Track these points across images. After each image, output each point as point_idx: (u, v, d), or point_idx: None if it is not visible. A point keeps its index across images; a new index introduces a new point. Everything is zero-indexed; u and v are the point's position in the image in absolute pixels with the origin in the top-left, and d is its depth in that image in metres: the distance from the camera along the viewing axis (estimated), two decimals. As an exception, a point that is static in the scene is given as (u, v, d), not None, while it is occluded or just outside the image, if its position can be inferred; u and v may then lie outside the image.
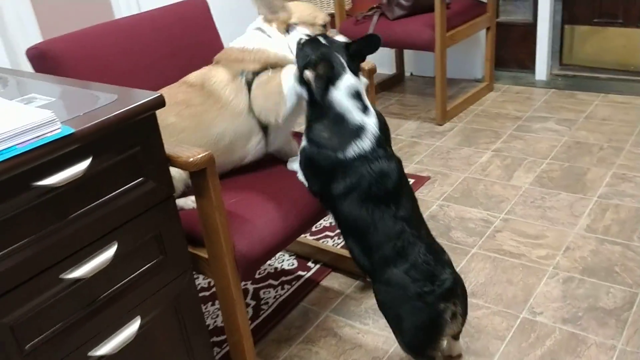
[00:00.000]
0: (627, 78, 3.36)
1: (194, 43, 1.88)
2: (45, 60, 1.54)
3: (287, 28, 1.65)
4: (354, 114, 1.43)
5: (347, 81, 1.45)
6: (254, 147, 1.65)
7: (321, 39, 1.52)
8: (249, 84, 1.59)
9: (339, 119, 1.44)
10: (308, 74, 1.44)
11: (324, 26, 1.69)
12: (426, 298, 1.40)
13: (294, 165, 1.61)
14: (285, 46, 1.63)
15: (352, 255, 1.52)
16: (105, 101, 1.18)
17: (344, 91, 1.44)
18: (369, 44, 1.51)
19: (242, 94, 1.59)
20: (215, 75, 1.60)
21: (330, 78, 1.44)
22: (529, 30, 3.58)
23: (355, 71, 1.50)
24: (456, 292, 1.46)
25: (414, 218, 1.46)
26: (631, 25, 3.34)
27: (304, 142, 1.51)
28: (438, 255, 1.45)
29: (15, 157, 0.98)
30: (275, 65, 1.60)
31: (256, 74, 1.59)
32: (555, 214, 2.25)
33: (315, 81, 1.44)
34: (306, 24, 1.66)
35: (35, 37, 2.68)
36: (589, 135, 2.84)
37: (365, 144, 1.42)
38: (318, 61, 1.44)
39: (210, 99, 1.57)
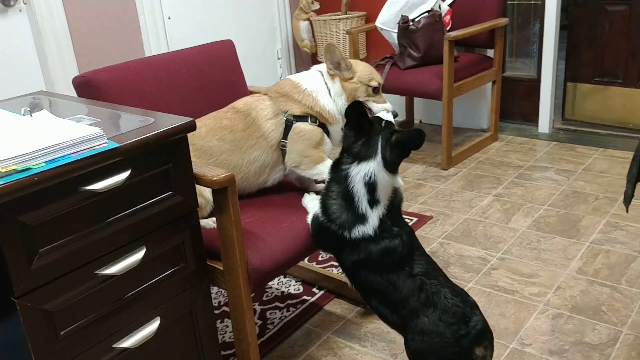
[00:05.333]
0: (626, 135, 3.53)
1: (221, 80, 2.07)
2: (90, 87, 1.73)
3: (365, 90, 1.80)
4: (362, 201, 1.49)
5: (370, 167, 1.48)
6: (277, 174, 1.84)
7: (383, 120, 1.56)
8: (288, 124, 1.76)
9: (349, 200, 1.51)
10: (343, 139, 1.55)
11: (377, 88, 1.82)
12: (462, 342, 1.42)
13: (307, 201, 1.73)
14: (335, 102, 1.79)
15: (378, 314, 1.56)
16: (144, 123, 1.36)
17: (361, 176, 1.49)
18: (416, 139, 1.49)
19: (279, 130, 1.76)
20: (261, 107, 1.78)
21: (360, 150, 1.50)
22: (534, 85, 3.77)
23: (390, 163, 1.49)
24: (487, 334, 1.48)
25: (431, 270, 1.51)
26: (630, 86, 3.52)
27: (316, 209, 1.59)
28: (464, 297, 1.49)
29: (68, 164, 1.15)
30: (317, 115, 1.77)
31: (297, 117, 1.76)
32: (549, 255, 2.38)
33: (347, 141, 1.53)
34: (362, 83, 1.80)
35: (72, 69, 2.91)
36: (586, 185, 2.98)
37: (367, 229, 1.49)
38: (358, 140, 1.51)
39: (251, 127, 1.76)
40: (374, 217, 1.50)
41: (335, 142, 1.83)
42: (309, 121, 1.76)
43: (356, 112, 1.50)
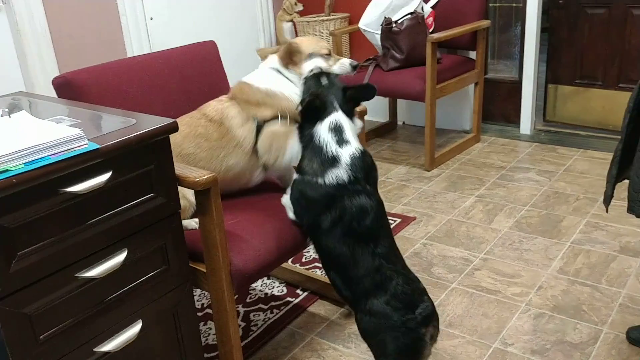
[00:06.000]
0: (605, 136, 3.57)
1: (203, 82, 2.06)
2: (70, 88, 1.71)
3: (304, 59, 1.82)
4: (331, 145, 1.60)
5: (333, 117, 1.62)
6: (256, 177, 1.84)
7: (323, 78, 1.71)
8: (259, 129, 1.76)
9: (317, 150, 1.61)
10: (299, 108, 1.63)
11: (329, 54, 1.85)
12: (408, 324, 1.52)
13: (285, 200, 1.75)
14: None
15: (334, 286, 1.65)
16: (126, 124, 1.35)
17: (326, 125, 1.61)
18: (365, 91, 1.71)
19: (252, 136, 1.76)
20: (232, 114, 1.77)
21: (319, 114, 1.63)
22: (515, 87, 3.81)
23: (348, 112, 1.67)
24: (434, 317, 1.58)
25: (392, 254, 1.59)
26: (610, 88, 3.57)
27: (295, 175, 1.67)
28: (415, 284, 1.59)
29: (48, 166, 1.13)
30: (287, 111, 1.77)
31: (267, 121, 1.77)
32: (531, 256, 2.40)
33: (305, 114, 1.62)
34: (314, 54, 1.82)
35: (52, 70, 2.88)
36: (567, 186, 3.01)
37: (341, 172, 1.57)
38: (311, 97, 1.63)
39: (226, 137, 1.75)
40: (345, 155, 1.59)
41: None
42: (280, 121, 1.76)
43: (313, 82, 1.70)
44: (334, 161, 1.58)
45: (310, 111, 1.64)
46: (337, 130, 1.62)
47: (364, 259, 1.55)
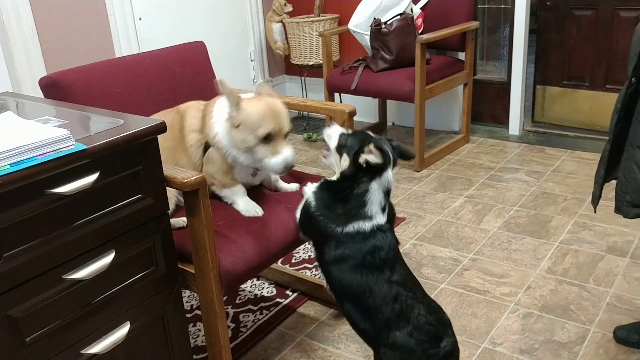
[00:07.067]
0: (593, 137, 3.60)
1: (192, 82, 2.05)
2: (57, 88, 1.69)
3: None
4: (374, 206, 1.48)
5: (388, 177, 1.49)
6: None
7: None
8: (206, 147, 1.71)
9: (359, 204, 1.48)
10: (373, 150, 1.45)
11: (265, 139, 1.56)
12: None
13: (308, 189, 1.64)
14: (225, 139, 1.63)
15: (350, 320, 1.53)
16: (113, 125, 1.34)
17: (381, 184, 1.49)
18: (407, 153, 1.59)
19: (199, 150, 1.71)
20: (192, 114, 1.71)
21: (380, 168, 1.48)
22: (504, 88, 3.83)
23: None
24: (456, 355, 1.49)
25: (409, 281, 1.49)
26: (597, 89, 3.60)
27: (310, 201, 1.56)
28: (439, 315, 1.48)
29: (34, 167, 1.12)
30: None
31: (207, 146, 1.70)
32: (519, 256, 2.41)
33: (373, 162, 1.46)
34: (250, 131, 1.56)
35: (39, 70, 2.86)
36: (555, 186, 3.03)
37: (365, 226, 1.48)
38: (385, 149, 1.49)
39: (181, 133, 1.72)
40: (381, 220, 1.49)
41: (245, 175, 1.76)
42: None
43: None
44: (366, 219, 1.48)
45: (378, 162, 1.47)
46: (387, 193, 1.51)
47: (380, 288, 1.45)
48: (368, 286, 1.45)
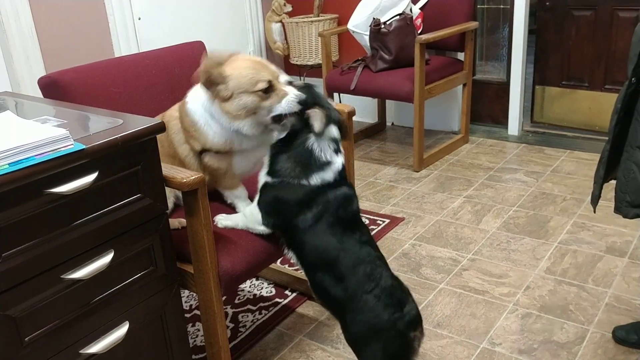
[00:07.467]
0: (592, 137, 3.60)
1: (191, 82, 2.05)
2: (56, 88, 1.69)
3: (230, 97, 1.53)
4: (326, 151, 1.53)
5: (333, 128, 1.57)
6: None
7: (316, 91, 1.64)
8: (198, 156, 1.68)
9: (305, 154, 1.53)
10: (317, 111, 1.51)
11: (268, 87, 1.52)
12: (398, 325, 1.47)
13: (223, 221, 1.65)
14: (225, 129, 1.57)
15: (319, 290, 1.55)
16: (112, 125, 1.34)
17: (327, 135, 1.55)
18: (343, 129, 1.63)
19: (194, 158, 1.67)
20: (175, 130, 1.68)
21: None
22: (503, 88, 3.83)
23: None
24: (419, 320, 1.53)
25: (374, 243, 1.57)
26: (596, 89, 3.60)
27: (266, 179, 1.57)
28: (399, 282, 1.54)
29: (33, 166, 1.12)
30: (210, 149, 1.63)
31: (200, 153, 1.66)
32: (518, 256, 2.41)
33: (318, 121, 1.51)
34: (247, 92, 1.51)
35: (38, 70, 2.86)
36: (554, 187, 3.03)
37: (329, 176, 1.53)
38: (329, 109, 1.56)
39: (171, 148, 1.70)
40: (338, 162, 1.55)
41: (245, 166, 1.71)
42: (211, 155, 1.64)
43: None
44: (324, 165, 1.53)
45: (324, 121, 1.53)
46: (335, 141, 1.57)
47: (353, 247, 1.50)
48: (343, 246, 1.50)
